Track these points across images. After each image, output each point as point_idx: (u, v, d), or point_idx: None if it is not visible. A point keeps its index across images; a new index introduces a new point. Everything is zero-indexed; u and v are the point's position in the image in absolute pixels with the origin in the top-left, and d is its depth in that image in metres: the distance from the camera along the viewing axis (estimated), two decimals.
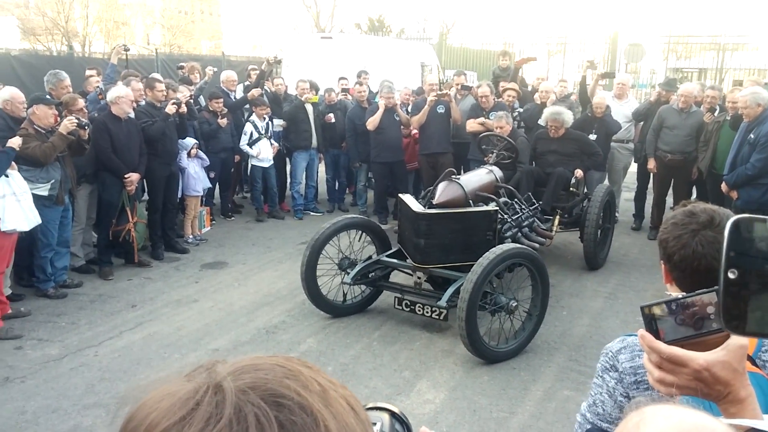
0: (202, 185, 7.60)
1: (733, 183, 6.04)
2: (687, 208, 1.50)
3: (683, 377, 0.96)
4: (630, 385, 1.45)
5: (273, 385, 0.55)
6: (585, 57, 15.91)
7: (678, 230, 1.45)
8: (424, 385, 4.39)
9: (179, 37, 39.23)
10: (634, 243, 7.97)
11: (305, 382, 0.56)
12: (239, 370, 0.56)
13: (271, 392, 0.54)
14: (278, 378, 0.56)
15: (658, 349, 0.97)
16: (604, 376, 1.50)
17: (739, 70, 16.00)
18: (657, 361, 0.98)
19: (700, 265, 1.40)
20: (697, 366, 0.94)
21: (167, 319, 5.38)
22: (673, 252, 1.45)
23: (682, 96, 7.54)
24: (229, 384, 0.54)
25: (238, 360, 0.59)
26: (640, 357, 1.47)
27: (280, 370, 0.57)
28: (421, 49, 14.85)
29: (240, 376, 0.55)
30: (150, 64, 14.56)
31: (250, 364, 0.58)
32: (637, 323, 4.38)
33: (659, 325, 0.98)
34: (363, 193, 9.18)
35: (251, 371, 0.56)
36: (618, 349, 1.51)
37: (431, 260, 5.13)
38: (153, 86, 6.82)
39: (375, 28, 32.14)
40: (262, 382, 0.55)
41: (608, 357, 1.52)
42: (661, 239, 1.51)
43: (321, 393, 0.56)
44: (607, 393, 1.48)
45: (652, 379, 1.00)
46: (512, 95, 8.07)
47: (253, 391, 0.54)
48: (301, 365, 0.59)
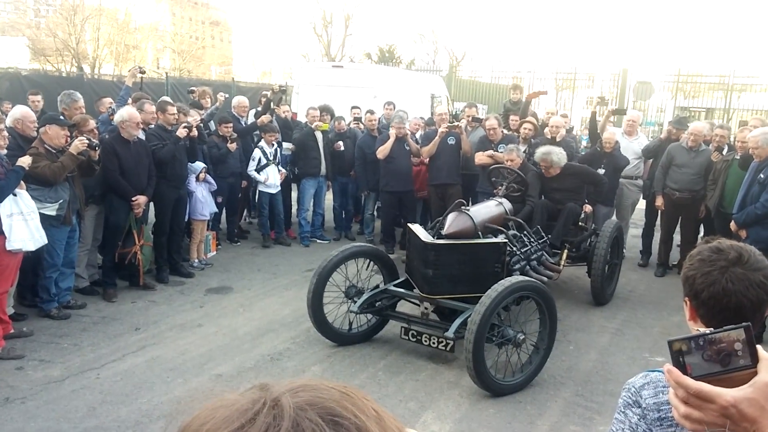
0: (210, 209, 7.61)
1: (742, 222, 6.03)
2: (713, 245, 1.48)
3: (710, 413, 0.95)
4: (653, 422, 1.42)
5: (331, 404, 0.55)
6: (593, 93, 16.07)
7: (706, 267, 1.43)
8: (429, 417, 4.32)
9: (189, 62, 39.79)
10: (641, 279, 7.93)
11: (362, 406, 0.57)
12: (297, 389, 0.57)
13: (329, 411, 0.54)
14: (335, 398, 0.56)
15: (685, 384, 0.96)
16: (627, 412, 1.47)
17: (746, 110, 16.11)
18: (684, 397, 0.97)
19: (729, 302, 1.38)
20: (724, 402, 0.93)
21: (171, 343, 5.33)
22: (701, 289, 1.43)
23: (691, 135, 7.57)
24: (287, 399, 0.54)
25: (295, 380, 0.59)
26: (663, 393, 1.44)
27: (337, 393, 0.57)
28: (431, 80, 15.03)
29: (298, 394, 0.56)
30: (160, 87, 14.77)
31: (307, 384, 0.58)
32: (644, 360, 4.35)
33: (686, 360, 0.97)
34: (370, 221, 9.18)
35: (309, 390, 0.57)
36: (641, 385, 1.48)
37: (439, 291, 5.09)
38: (165, 109, 6.87)
39: (385, 58, 32.54)
40: (320, 400, 0.55)
41: (631, 393, 1.49)
42: (687, 276, 1.49)
43: (377, 419, 0.57)
44: (629, 429, 1.45)
45: (678, 414, 0.99)
46: (529, 128, 8.10)
47: (311, 408, 0.54)
48: (355, 390, 0.60)
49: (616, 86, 16.83)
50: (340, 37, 37.98)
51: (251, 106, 9.70)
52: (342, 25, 37.91)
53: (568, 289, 7.31)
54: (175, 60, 41.08)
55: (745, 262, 1.41)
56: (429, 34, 43.76)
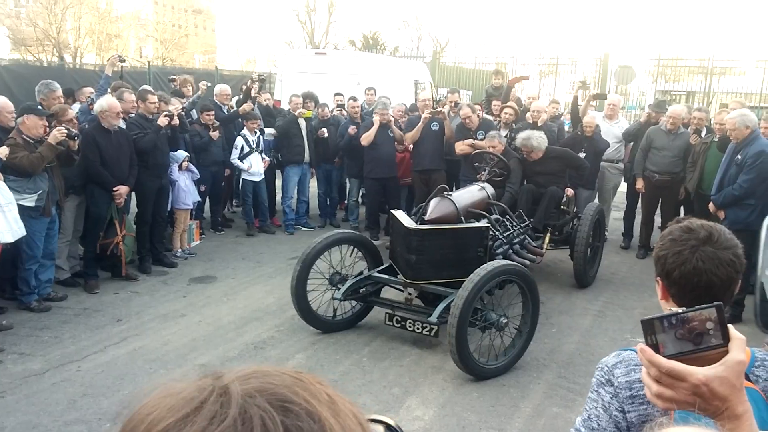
0: (192, 199, 7.56)
1: (720, 203, 6.08)
2: (684, 224, 1.50)
3: (681, 392, 0.95)
4: (625, 400, 1.44)
5: (281, 390, 0.54)
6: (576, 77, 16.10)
7: (677, 246, 1.45)
8: (413, 402, 4.35)
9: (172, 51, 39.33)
10: (623, 261, 7.99)
11: (314, 391, 0.56)
12: (247, 375, 0.56)
13: (278, 397, 0.53)
14: (287, 384, 0.55)
15: (657, 363, 0.97)
16: (600, 390, 1.49)
17: (726, 93, 16.24)
18: (656, 375, 0.98)
19: (700, 281, 1.40)
20: (695, 381, 0.94)
21: (153, 334, 5.31)
22: (672, 268, 1.45)
23: (670, 118, 7.63)
24: (236, 386, 0.53)
25: (246, 367, 0.58)
26: (635, 371, 1.46)
27: (289, 378, 0.56)
28: (414, 66, 14.94)
29: (248, 381, 0.55)
30: (142, 76, 14.60)
31: (258, 371, 0.57)
32: (626, 341, 4.40)
33: (659, 339, 0.98)
34: (355, 208, 9.17)
35: (260, 376, 0.56)
36: (614, 364, 1.50)
37: (422, 276, 5.11)
38: (145, 98, 6.80)
39: (369, 45, 32.36)
40: (270, 387, 0.54)
41: (604, 372, 1.51)
42: (658, 255, 1.50)
43: (330, 403, 0.56)
44: (602, 408, 1.46)
45: (650, 393, 0.99)
46: (510, 113, 8.12)
47: (260, 395, 0.53)
48: (309, 376, 0.59)
49: (598, 71, 16.88)
50: (324, 24, 37.70)
51: (234, 94, 9.62)
52: (326, 12, 37.63)
53: (551, 272, 7.36)
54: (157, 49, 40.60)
55: (715, 241, 1.43)
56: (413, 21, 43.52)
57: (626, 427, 1.40)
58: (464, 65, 19.89)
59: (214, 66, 21.48)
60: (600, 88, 15.72)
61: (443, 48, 33.37)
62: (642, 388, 1.42)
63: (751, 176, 5.80)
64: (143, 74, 15.19)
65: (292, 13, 38.40)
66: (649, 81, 18.02)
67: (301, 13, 37.08)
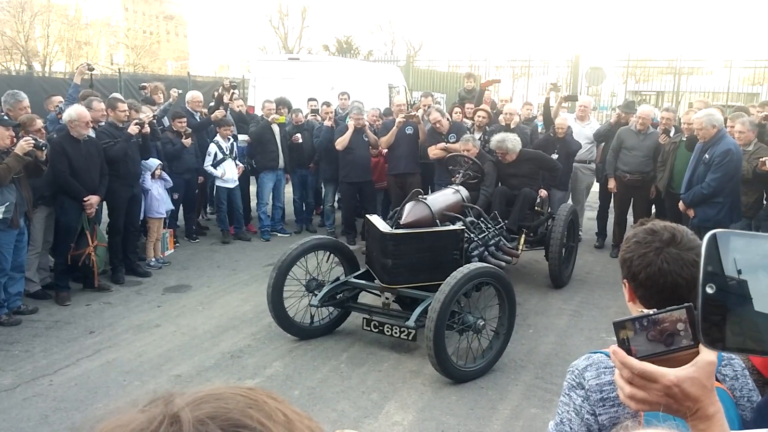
0: (166, 207, 7.48)
1: (689, 201, 6.18)
2: (647, 227, 1.52)
3: (654, 393, 0.96)
4: (596, 403, 1.45)
5: (234, 414, 0.52)
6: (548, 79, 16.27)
7: (642, 248, 1.47)
8: (392, 407, 4.34)
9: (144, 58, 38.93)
10: (597, 261, 8.08)
11: (269, 412, 0.54)
12: (199, 400, 0.54)
13: (232, 422, 0.51)
14: (240, 408, 0.53)
15: (629, 364, 0.97)
16: (571, 394, 1.50)
17: (694, 93, 16.53)
18: (628, 377, 0.98)
19: (666, 282, 1.41)
20: (667, 382, 0.94)
21: (127, 345, 5.23)
22: (638, 270, 1.46)
23: (639, 118, 7.74)
24: (186, 414, 0.51)
25: (199, 389, 0.56)
26: (606, 374, 1.47)
27: (243, 400, 0.54)
28: (388, 70, 15.00)
29: (199, 406, 0.53)
30: (113, 84, 14.42)
31: (211, 394, 0.55)
32: (601, 340, 4.42)
33: (631, 341, 0.98)
34: (331, 213, 9.15)
35: (211, 401, 0.54)
36: (584, 367, 1.51)
37: (399, 280, 5.11)
38: (115, 106, 6.71)
39: (343, 49, 32.36)
40: (222, 411, 0.52)
41: (575, 375, 1.52)
42: (624, 258, 1.52)
43: (286, 424, 0.54)
44: (574, 411, 1.47)
45: (623, 395, 1.00)
46: (483, 116, 8.17)
47: (212, 421, 0.51)
48: (265, 396, 0.57)
49: (569, 73, 17.09)
50: (298, 29, 37.62)
51: (207, 100, 9.54)
52: (299, 17, 37.54)
53: (527, 273, 7.42)
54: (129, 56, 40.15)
55: (679, 242, 1.44)
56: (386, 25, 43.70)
57: (598, 429, 1.41)
58: (438, 68, 19.99)
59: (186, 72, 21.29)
60: (571, 90, 15.91)
61: (417, 52, 33.56)
62: (613, 390, 1.43)
63: (718, 175, 5.91)
64: (114, 82, 15.01)
65: (265, 18, 38.18)
66: (620, 82, 18.27)
67: (274, 18, 36.99)
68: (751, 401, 1.47)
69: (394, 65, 17.78)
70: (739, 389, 1.48)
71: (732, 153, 5.86)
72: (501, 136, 6.92)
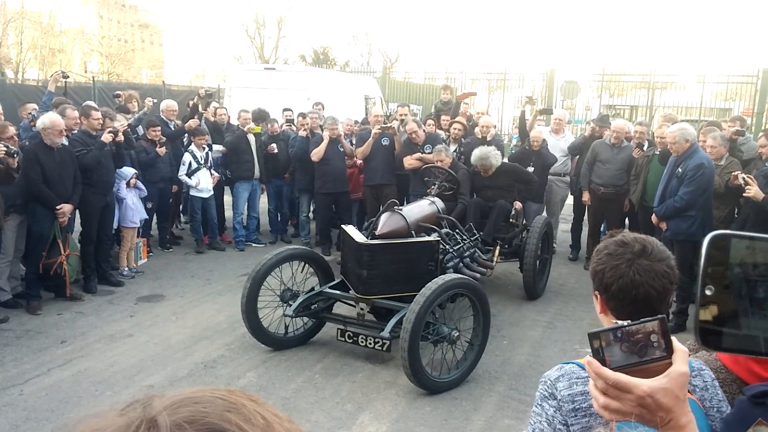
0: (140, 216, 7.40)
1: (662, 215, 6.28)
2: (617, 238, 1.54)
3: (627, 403, 0.97)
4: (568, 413, 1.46)
5: (212, 418, 0.52)
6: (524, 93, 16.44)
7: (614, 260, 1.48)
8: (366, 418, 4.33)
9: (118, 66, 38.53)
10: (572, 273, 8.17)
11: (248, 415, 0.54)
12: (177, 404, 0.54)
13: (209, 426, 0.51)
14: (218, 411, 0.53)
15: (604, 375, 0.98)
16: (543, 404, 1.51)
17: (668, 107, 16.81)
18: (602, 387, 0.99)
19: (638, 293, 1.43)
20: (640, 392, 0.96)
21: (99, 355, 5.15)
22: (610, 282, 1.48)
23: (614, 132, 7.86)
24: (164, 418, 0.51)
25: (177, 393, 0.56)
26: (578, 384, 1.48)
27: (221, 403, 0.54)
28: (365, 82, 15.05)
29: (177, 410, 0.53)
30: (87, 92, 14.23)
31: (189, 398, 0.55)
32: (575, 351, 4.46)
33: (605, 351, 1.00)
34: (305, 224, 9.12)
35: (190, 404, 0.54)
36: (556, 377, 1.52)
37: (374, 291, 5.11)
38: (88, 114, 6.64)
39: (320, 60, 32.39)
40: (200, 415, 0.52)
41: (547, 385, 1.53)
42: (596, 270, 1.53)
43: (265, 427, 0.54)
44: (546, 421, 1.48)
45: (597, 405, 1.01)
46: (459, 128, 8.24)
47: (190, 426, 0.51)
48: (245, 398, 0.57)
49: (544, 86, 17.29)
50: (274, 39, 37.56)
51: (181, 109, 9.48)
52: (275, 27, 37.50)
53: (502, 285, 7.47)
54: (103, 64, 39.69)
55: (650, 254, 1.47)
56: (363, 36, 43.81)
57: None
58: (414, 80, 20.09)
59: (161, 81, 21.11)
60: (546, 103, 16.10)
61: (393, 63, 33.71)
62: (585, 401, 1.45)
63: (691, 188, 6.01)
64: (88, 90, 14.81)
65: (241, 27, 38.08)
66: (594, 95, 18.55)
67: (250, 28, 36.88)
68: (720, 412, 1.49)
69: (371, 76, 17.84)
70: (708, 399, 1.50)
71: (705, 167, 5.97)
72: (483, 152, 6.93)
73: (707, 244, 0.59)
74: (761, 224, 5.76)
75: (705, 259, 0.58)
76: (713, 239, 0.59)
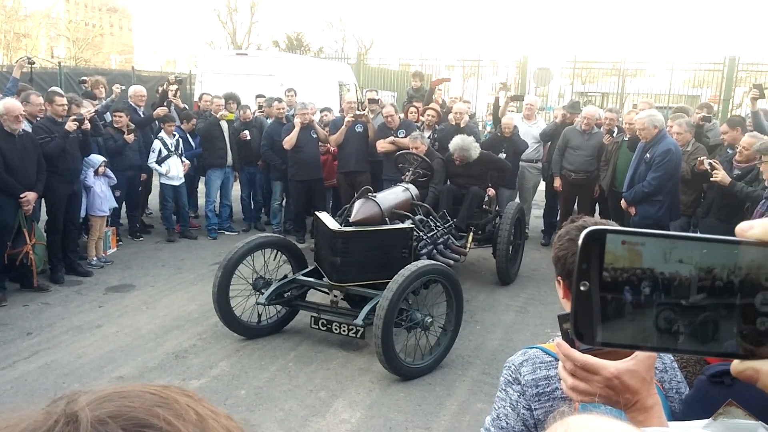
0: (109, 205, 7.26)
1: (631, 200, 6.36)
2: (578, 223, 1.54)
3: (595, 385, 0.98)
4: (532, 398, 1.46)
5: (139, 413, 0.49)
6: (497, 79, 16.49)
7: (575, 246, 1.47)
8: (340, 405, 4.33)
9: (86, 51, 37.69)
10: (543, 258, 8.24)
11: (179, 410, 0.51)
12: (102, 399, 0.50)
13: (135, 421, 0.48)
14: (146, 406, 0.50)
15: (572, 356, 0.99)
16: (507, 389, 1.51)
17: (638, 94, 17.02)
18: (571, 369, 1.00)
19: None
20: (608, 374, 0.96)
21: (66, 347, 5.05)
22: (572, 267, 1.48)
23: (585, 118, 7.93)
24: (86, 414, 0.48)
25: (105, 387, 0.52)
26: (541, 369, 1.49)
27: (151, 398, 0.51)
28: (339, 68, 14.93)
29: (101, 405, 0.49)
30: (53, 78, 13.90)
31: (117, 392, 0.52)
32: (546, 335, 4.50)
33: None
34: (278, 211, 9.05)
35: (116, 399, 0.50)
36: (520, 362, 1.52)
37: (348, 278, 5.09)
38: (53, 100, 6.47)
39: (293, 46, 32.06)
40: (126, 410, 0.49)
41: (511, 370, 1.53)
42: (558, 256, 1.53)
43: (197, 422, 0.51)
44: (510, 406, 1.48)
45: (566, 386, 1.02)
46: (432, 115, 8.22)
47: (113, 421, 0.48)
48: (179, 393, 0.54)
49: (518, 73, 17.35)
50: (246, 24, 37.04)
51: (152, 96, 9.31)
52: (248, 12, 36.97)
53: (475, 271, 7.51)
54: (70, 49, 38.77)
55: None
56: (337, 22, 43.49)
57: (534, 424, 1.43)
58: (389, 67, 20.00)
59: (130, 66, 20.71)
60: (520, 90, 16.16)
61: (368, 50, 33.51)
62: (548, 385, 1.45)
63: (659, 174, 6.09)
64: (54, 75, 14.46)
65: (213, 12, 37.44)
66: (567, 83, 18.66)
67: (222, 13, 36.31)
68: (679, 393, 1.52)
69: (345, 63, 17.71)
70: (668, 381, 1.52)
71: (672, 153, 6.05)
72: (466, 143, 6.83)
73: (582, 239, 0.58)
74: (725, 208, 5.88)
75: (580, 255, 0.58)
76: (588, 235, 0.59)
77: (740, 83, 15.40)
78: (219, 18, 36.42)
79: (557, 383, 1.41)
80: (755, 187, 5.50)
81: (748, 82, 13.45)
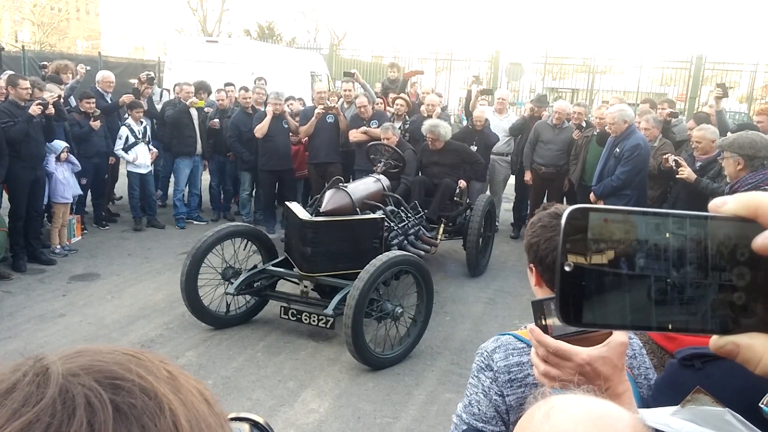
0: (73, 192, 7.09)
1: (600, 193, 6.44)
2: (551, 210, 1.54)
3: (567, 371, 0.98)
4: (504, 384, 1.46)
5: (111, 367, 0.48)
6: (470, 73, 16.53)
7: (548, 232, 1.48)
8: (308, 395, 4.31)
9: (51, 36, 36.76)
10: (513, 250, 8.31)
11: (150, 367, 0.50)
12: (73, 354, 0.49)
13: (107, 374, 0.47)
14: (118, 361, 0.49)
15: (545, 342, 0.99)
16: (480, 375, 1.51)
17: (607, 91, 17.26)
18: (543, 355, 1.00)
19: None
20: (580, 360, 0.97)
21: (28, 336, 4.93)
22: (545, 254, 1.48)
23: (556, 113, 8.01)
24: (57, 367, 0.46)
25: (73, 347, 0.51)
26: (513, 355, 1.49)
27: (123, 356, 0.50)
28: (311, 58, 14.80)
29: (72, 359, 0.48)
30: (17, 62, 13.53)
31: (87, 349, 0.51)
32: (515, 326, 4.53)
33: (548, 320, 1.00)
34: (247, 202, 8.96)
35: (87, 355, 0.49)
36: (492, 349, 1.52)
37: (318, 268, 5.06)
38: (16, 84, 6.29)
39: (265, 35, 31.70)
40: (98, 365, 0.48)
41: (483, 357, 1.53)
42: (530, 243, 1.53)
43: (169, 379, 0.50)
44: (482, 392, 1.48)
45: (538, 372, 1.02)
46: (402, 104, 8.21)
47: (85, 373, 0.46)
48: (152, 356, 0.53)
49: (490, 68, 17.44)
50: (217, 12, 36.49)
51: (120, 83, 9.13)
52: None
53: (445, 262, 7.54)
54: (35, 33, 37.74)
55: None
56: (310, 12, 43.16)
57: (506, 410, 1.43)
58: (361, 58, 19.91)
59: (97, 52, 20.25)
60: (492, 84, 16.25)
61: (340, 40, 33.33)
62: (520, 371, 1.45)
63: (627, 168, 6.18)
64: (18, 60, 14.07)
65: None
66: (538, 78, 18.83)
67: (192, 0, 35.71)
68: (647, 379, 1.53)
69: (317, 53, 17.58)
70: (637, 367, 1.54)
71: (641, 147, 6.14)
72: (435, 121, 7.01)
73: (566, 218, 0.57)
74: (691, 203, 5.98)
75: (563, 235, 0.57)
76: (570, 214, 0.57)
77: (706, 82, 15.71)
78: (189, 5, 35.82)
79: (529, 369, 1.41)
80: (719, 183, 5.61)
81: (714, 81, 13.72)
